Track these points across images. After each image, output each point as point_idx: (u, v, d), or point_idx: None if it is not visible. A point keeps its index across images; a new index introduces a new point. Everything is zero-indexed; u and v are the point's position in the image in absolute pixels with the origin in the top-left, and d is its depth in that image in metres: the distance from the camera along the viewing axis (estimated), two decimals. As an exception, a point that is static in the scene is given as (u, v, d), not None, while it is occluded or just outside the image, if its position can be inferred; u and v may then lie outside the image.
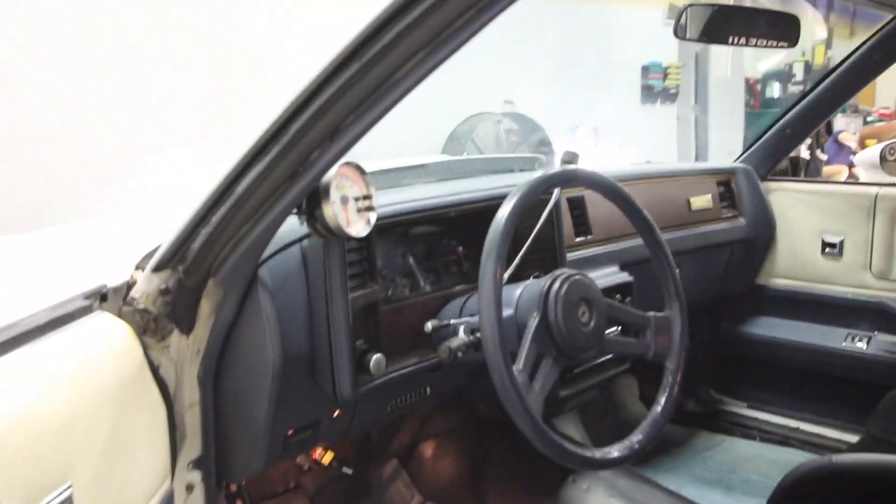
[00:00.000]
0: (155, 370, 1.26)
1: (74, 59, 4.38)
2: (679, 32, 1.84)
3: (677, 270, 1.65)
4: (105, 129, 4.47)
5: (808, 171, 8.13)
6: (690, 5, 1.87)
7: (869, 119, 12.35)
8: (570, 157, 1.70)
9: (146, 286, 1.25)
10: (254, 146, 1.15)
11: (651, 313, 1.59)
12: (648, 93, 8.85)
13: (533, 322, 1.41)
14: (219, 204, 1.19)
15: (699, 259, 2.49)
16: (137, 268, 1.30)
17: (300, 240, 1.44)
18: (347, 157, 1.22)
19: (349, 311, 1.46)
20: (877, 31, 2.36)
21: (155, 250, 1.27)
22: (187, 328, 1.28)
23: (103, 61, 4.44)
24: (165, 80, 4.60)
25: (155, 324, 1.25)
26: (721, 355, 2.85)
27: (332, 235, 1.35)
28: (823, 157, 8.37)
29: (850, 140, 9.18)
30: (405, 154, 2.43)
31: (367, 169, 1.40)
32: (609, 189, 1.61)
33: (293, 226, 1.39)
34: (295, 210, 1.31)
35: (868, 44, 2.38)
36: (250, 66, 4.75)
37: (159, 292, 1.24)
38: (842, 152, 8.80)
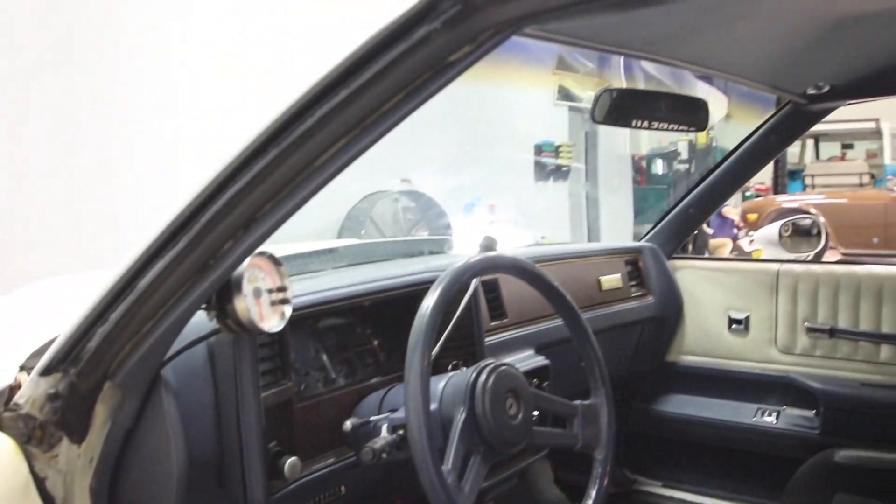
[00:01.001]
0: (40, 483, 1.12)
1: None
2: (595, 117, 1.84)
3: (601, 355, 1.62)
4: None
5: (696, 244, 8.41)
6: (605, 90, 1.89)
7: (748, 194, 13.01)
8: (489, 244, 1.66)
9: (32, 391, 1.12)
10: (160, 236, 1.05)
11: (577, 402, 1.54)
12: (542, 170, 9.06)
13: (460, 417, 1.34)
14: (119, 300, 1.08)
15: (610, 338, 2.48)
16: (22, 369, 1.17)
17: (208, 336, 1.34)
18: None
19: (261, 410, 1.35)
20: (771, 116, 2.46)
21: (44, 348, 1.14)
22: (79, 436, 1.15)
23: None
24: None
25: (41, 432, 1.12)
26: (633, 434, 2.83)
27: (243, 331, 1.25)
28: (710, 230, 8.68)
29: (732, 214, 9.61)
30: (299, 235, 2.34)
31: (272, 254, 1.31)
32: (532, 276, 1.58)
33: (200, 320, 1.28)
34: (203, 305, 1.21)
35: (764, 128, 2.47)
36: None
37: (47, 397, 1.12)
38: (725, 226, 9.20)
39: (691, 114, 1.97)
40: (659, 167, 11.72)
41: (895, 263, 2.64)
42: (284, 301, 1.30)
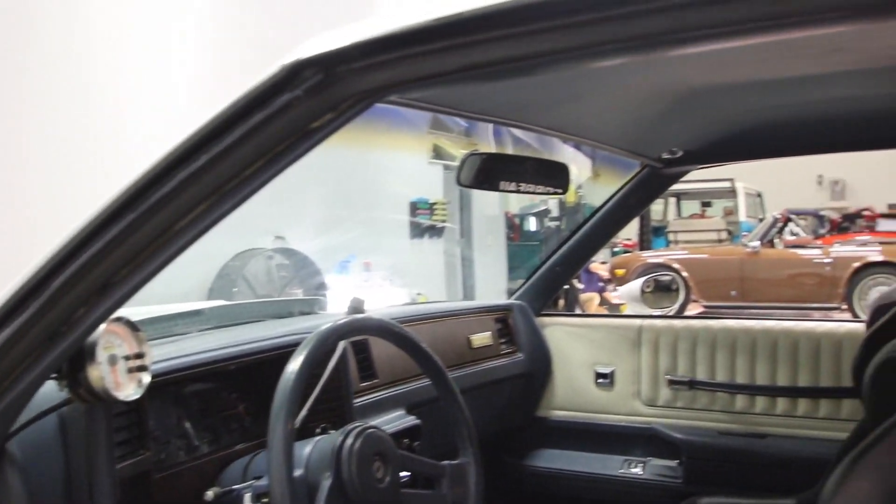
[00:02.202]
0: None
1: None
2: (461, 180, 1.88)
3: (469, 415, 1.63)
4: None
5: (567, 298, 8.68)
6: (470, 154, 1.93)
7: (616, 250, 13.51)
8: (357, 305, 1.66)
9: None
10: (7, 303, 1.00)
11: (445, 462, 1.54)
12: (417, 229, 9.15)
13: (326, 483, 1.32)
14: None
15: (481, 395, 2.50)
16: None
17: (59, 406, 1.27)
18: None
19: (115, 483, 1.29)
20: (630, 179, 2.58)
21: None
22: None
23: None
24: None
25: None
26: (504, 490, 2.84)
27: (97, 401, 1.19)
28: (580, 286, 8.95)
29: (599, 269, 9.96)
30: (165, 297, 2.28)
31: (133, 317, 1.27)
32: (399, 338, 1.58)
33: (51, 389, 1.22)
34: (54, 374, 1.15)
35: (624, 190, 2.59)
36: None
37: None
38: (592, 281, 9.54)
39: (554, 177, 2.04)
40: (531, 224, 12.07)
41: (752, 315, 2.78)
42: (142, 368, 1.25)
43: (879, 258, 10.36)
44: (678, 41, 0.81)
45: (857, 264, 10.46)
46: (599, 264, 10.15)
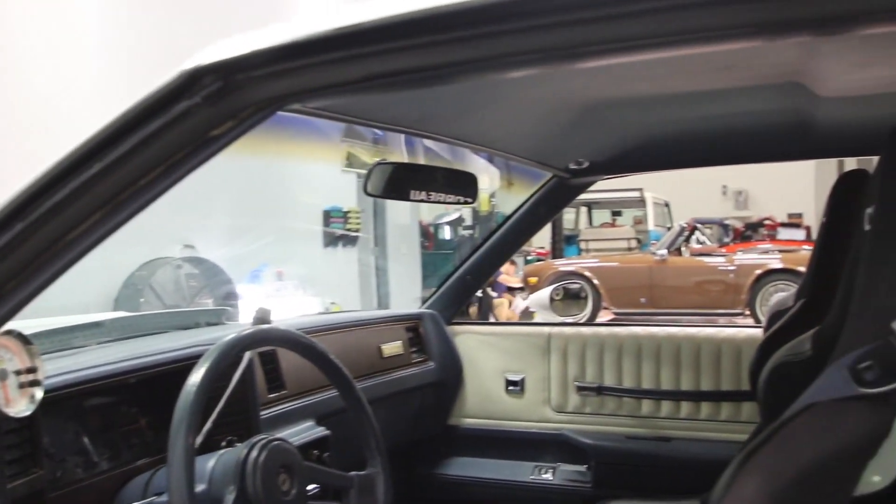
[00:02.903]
0: None
1: None
2: (368, 190, 1.88)
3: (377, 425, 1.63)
4: None
5: (481, 306, 8.77)
6: (378, 164, 1.93)
7: (529, 259, 13.69)
8: (263, 315, 1.63)
9: None
10: None
11: (353, 473, 1.53)
12: (331, 237, 9.08)
13: (230, 497, 1.29)
14: None
15: (392, 405, 2.50)
16: None
17: None
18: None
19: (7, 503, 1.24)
20: (539, 188, 2.62)
21: None
22: None
23: None
24: None
25: None
26: (418, 499, 2.84)
27: (-14, 418, 1.15)
28: (494, 294, 9.05)
29: (509, 280, 10.09)
30: (67, 307, 2.20)
31: (28, 329, 1.22)
32: (305, 348, 1.57)
33: None
34: None
35: (532, 199, 2.63)
36: None
37: None
38: (499, 289, 9.70)
39: (462, 186, 2.05)
40: (446, 233, 12.12)
41: (661, 322, 2.85)
42: (35, 383, 1.21)
43: (779, 265, 10.74)
44: (576, 55, 0.83)
45: (758, 271, 10.84)
46: (510, 276, 10.29)
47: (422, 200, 2.02)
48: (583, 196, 14.76)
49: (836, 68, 1.53)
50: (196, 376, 1.32)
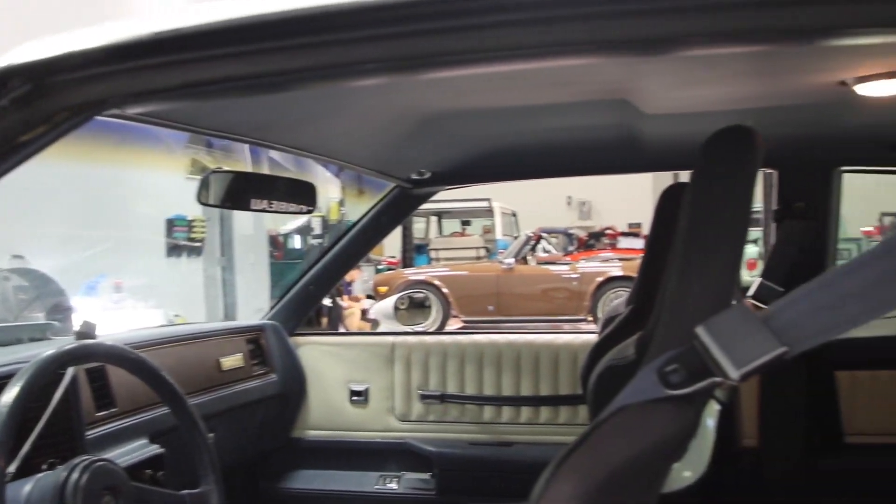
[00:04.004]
0: None
1: None
2: (202, 199, 1.83)
3: (211, 440, 1.58)
4: None
5: (331, 316, 8.70)
6: (213, 172, 1.88)
7: (380, 268, 13.70)
8: (87, 329, 1.55)
9: None
10: None
11: (185, 491, 1.48)
12: (175, 247, 8.77)
13: None
14: None
15: (233, 419, 2.44)
16: None
17: None
18: None
19: None
20: (383, 198, 2.63)
21: None
22: None
23: None
24: None
25: None
26: None
27: None
28: (344, 304, 8.99)
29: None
30: None
31: None
32: (131, 363, 1.50)
33: None
34: None
35: (375, 209, 2.64)
36: None
37: None
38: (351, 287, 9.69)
39: (302, 195, 2.04)
40: (296, 242, 11.96)
41: (508, 330, 2.91)
42: None
43: (620, 273, 11.21)
44: (412, 67, 0.84)
45: (600, 279, 11.29)
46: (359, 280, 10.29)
47: (262, 210, 1.99)
48: (433, 205, 14.92)
49: (658, 87, 1.62)
50: (8, 396, 1.24)
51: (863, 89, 1.56)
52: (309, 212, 2.03)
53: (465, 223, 17.05)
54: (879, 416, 2.30)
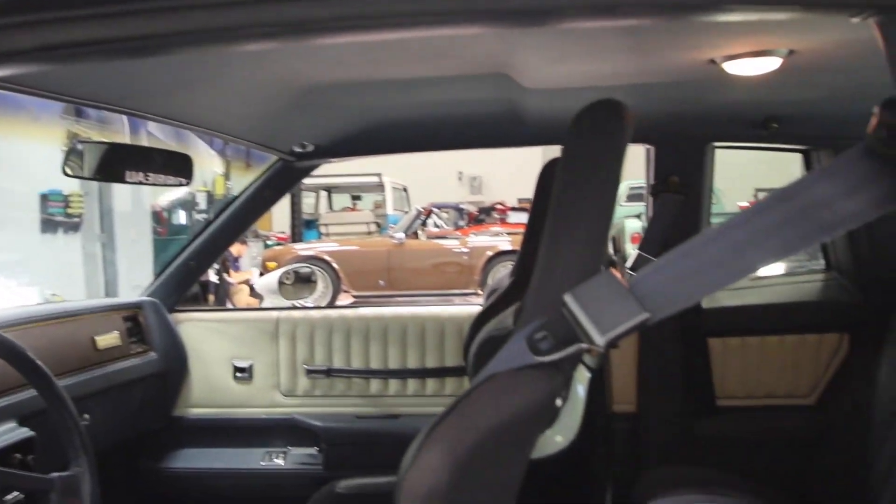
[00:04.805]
0: None
1: None
2: (70, 170, 1.75)
3: (84, 420, 1.53)
4: None
5: (218, 293, 8.52)
6: (82, 142, 1.80)
7: (269, 243, 13.48)
8: None
9: None
10: None
11: (54, 475, 1.43)
12: (50, 223, 8.39)
13: None
14: None
15: (110, 399, 2.36)
16: None
17: None
18: None
19: None
20: (265, 171, 2.58)
21: None
22: None
23: None
24: None
25: None
26: (143, 496, 2.72)
27: None
28: (232, 280, 8.81)
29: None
30: None
31: None
32: None
33: None
34: None
35: (258, 182, 2.59)
36: None
37: None
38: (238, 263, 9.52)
39: (178, 168, 1.98)
40: (180, 218, 11.64)
41: (399, 303, 2.91)
42: None
43: (509, 247, 11.38)
44: (271, 34, 0.82)
45: (490, 253, 11.44)
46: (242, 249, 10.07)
47: (139, 182, 1.92)
48: (322, 180, 14.76)
49: (536, 62, 1.65)
50: None
51: (731, 67, 1.63)
52: (186, 184, 1.97)
53: (356, 198, 16.96)
54: (748, 381, 2.42)
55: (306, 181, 14.57)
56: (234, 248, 8.86)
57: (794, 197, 0.74)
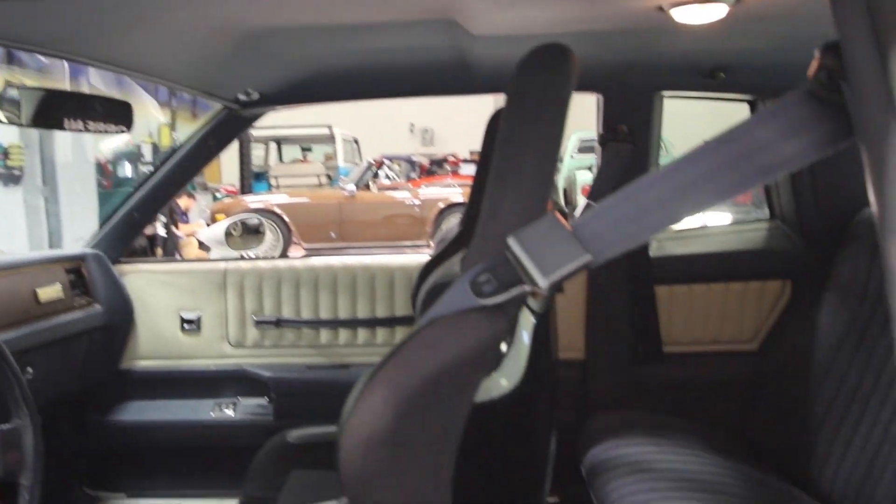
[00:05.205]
0: None
1: None
2: (5, 118, 1.68)
3: (27, 374, 1.50)
4: None
5: (166, 246, 8.39)
6: (20, 88, 1.74)
7: (218, 196, 13.29)
8: None
9: None
10: None
11: None
12: (-11, 176, 8.18)
13: None
14: None
15: (55, 352, 2.33)
16: None
17: None
18: None
19: None
20: (210, 120, 2.53)
21: None
22: None
23: None
24: None
25: None
26: (92, 449, 2.69)
27: None
28: (180, 233, 8.68)
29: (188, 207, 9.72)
30: None
31: None
32: None
33: None
34: None
35: (202, 132, 2.54)
36: None
37: None
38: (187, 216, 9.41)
39: (118, 115, 1.92)
40: (127, 170, 11.40)
41: (350, 254, 2.89)
42: None
43: (461, 199, 11.38)
44: None
45: (441, 204, 11.43)
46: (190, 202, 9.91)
47: (78, 130, 1.87)
48: (272, 132, 14.55)
49: (484, 7, 1.62)
50: None
51: (679, 15, 1.62)
52: (127, 132, 1.92)
53: (306, 150, 16.75)
54: (694, 327, 2.47)
55: (255, 132, 14.37)
56: (182, 202, 8.71)
57: (735, 140, 0.74)
